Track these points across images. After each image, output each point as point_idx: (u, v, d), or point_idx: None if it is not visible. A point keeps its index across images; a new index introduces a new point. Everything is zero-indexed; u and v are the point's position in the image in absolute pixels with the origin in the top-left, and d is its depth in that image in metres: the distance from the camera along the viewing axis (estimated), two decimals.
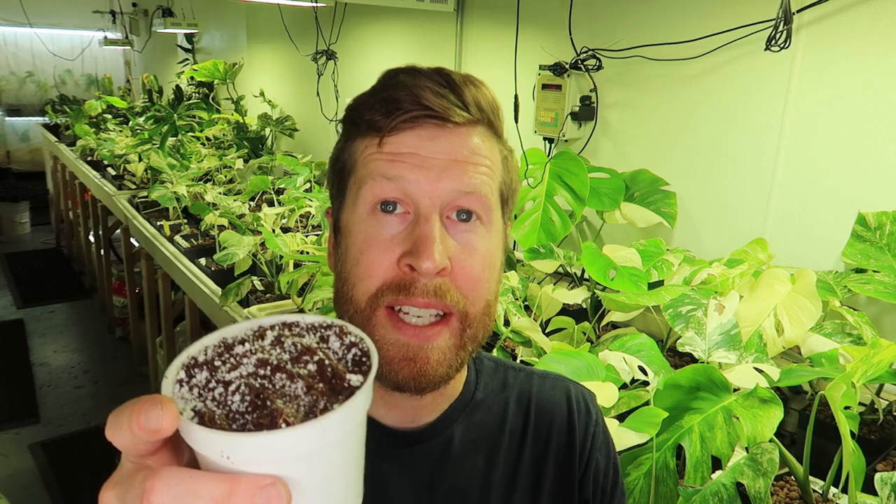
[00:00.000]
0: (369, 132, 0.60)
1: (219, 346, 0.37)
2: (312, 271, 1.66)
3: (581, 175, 1.66)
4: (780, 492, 1.00)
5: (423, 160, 0.57)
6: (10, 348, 3.85)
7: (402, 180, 0.57)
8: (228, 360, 0.36)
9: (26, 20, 6.08)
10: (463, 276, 0.57)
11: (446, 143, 0.58)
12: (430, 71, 0.61)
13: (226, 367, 0.35)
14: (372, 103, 0.60)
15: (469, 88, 0.61)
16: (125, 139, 3.91)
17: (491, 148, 0.61)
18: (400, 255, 0.56)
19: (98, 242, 4.06)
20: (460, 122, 0.59)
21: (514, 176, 0.66)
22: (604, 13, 1.88)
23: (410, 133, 0.58)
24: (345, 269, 0.60)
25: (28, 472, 2.75)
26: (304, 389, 0.34)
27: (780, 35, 1.40)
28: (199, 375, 0.35)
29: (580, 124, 1.95)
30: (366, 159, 0.60)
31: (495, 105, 0.63)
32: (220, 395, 0.34)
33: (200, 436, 0.32)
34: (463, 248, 0.58)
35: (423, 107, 0.58)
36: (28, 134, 6.87)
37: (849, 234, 1.35)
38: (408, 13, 2.70)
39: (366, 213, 0.59)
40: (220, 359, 0.36)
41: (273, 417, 0.32)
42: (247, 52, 4.28)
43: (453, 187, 0.57)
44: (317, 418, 0.32)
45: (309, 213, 2.34)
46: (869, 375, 0.91)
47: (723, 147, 1.64)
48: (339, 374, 0.36)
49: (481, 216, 0.59)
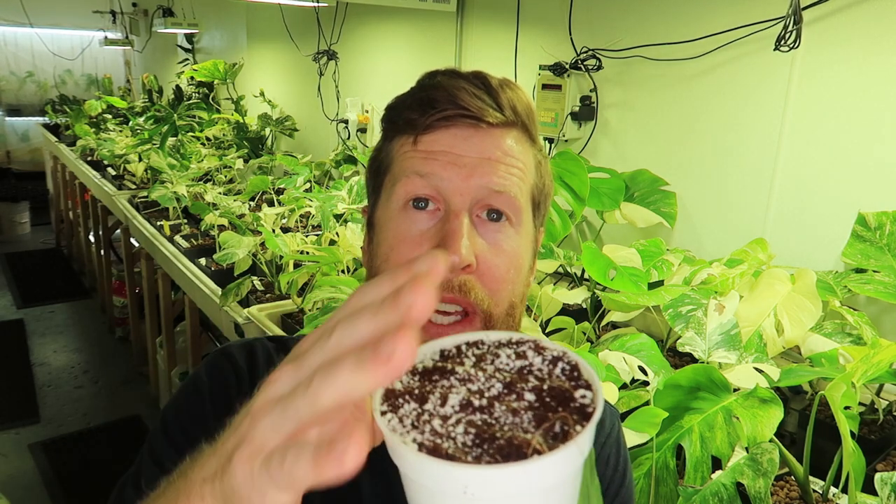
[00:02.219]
0: (406, 130, 0.61)
1: (411, 373, 0.34)
2: (312, 271, 1.66)
3: (581, 175, 1.66)
4: (780, 492, 1.00)
5: (455, 158, 0.58)
6: (10, 348, 3.85)
7: (434, 177, 0.58)
8: (432, 389, 0.33)
9: (27, 20, 6.08)
10: (489, 275, 0.57)
11: (480, 143, 0.59)
12: (468, 74, 0.62)
13: (435, 397, 0.32)
14: (409, 103, 0.61)
15: (505, 92, 0.62)
16: (125, 139, 3.91)
17: (524, 151, 0.62)
18: (428, 249, 0.56)
19: (98, 242, 4.06)
20: (494, 122, 0.60)
21: (548, 181, 0.66)
22: (604, 13, 1.88)
23: (445, 132, 0.59)
24: (375, 264, 0.61)
25: (28, 472, 2.75)
26: (533, 416, 0.31)
27: (789, 35, 1.39)
28: (405, 406, 0.32)
29: (580, 124, 1.95)
30: (401, 157, 0.61)
31: (531, 109, 0.64)
32: (440, 427, 0.30)
33: (437, 470, 0.28)
34: (491, 248, 0.58)
35: (459, 106, 0.59)
36: (28, 134, 6.87)
37: (849, 233, 1.35)
38: (409, 13, 2.71)
39: (398, 209, 0.60)
40: (424, 388, 0.33)
41: (518, 447, 0.29)
42: (247, 52, 4.28)
43: (483, 184, 0.58)
44: (571, 440, 0.29)
45: (309, 213, 2.34)
46: (869, 375, 0.91)
47: (723, 147, 1.64)
48: (564, 392, 0.32)
49: (510, 217, 0.59)
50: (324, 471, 0.27)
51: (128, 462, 0.63)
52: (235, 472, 0.30)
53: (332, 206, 2.06)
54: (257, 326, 1.70)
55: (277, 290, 1.87)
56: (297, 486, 0.28)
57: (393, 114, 0.63)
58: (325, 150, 3.37)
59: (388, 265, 0.59)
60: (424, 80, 0.63)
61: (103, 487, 2.65)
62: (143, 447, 0.64)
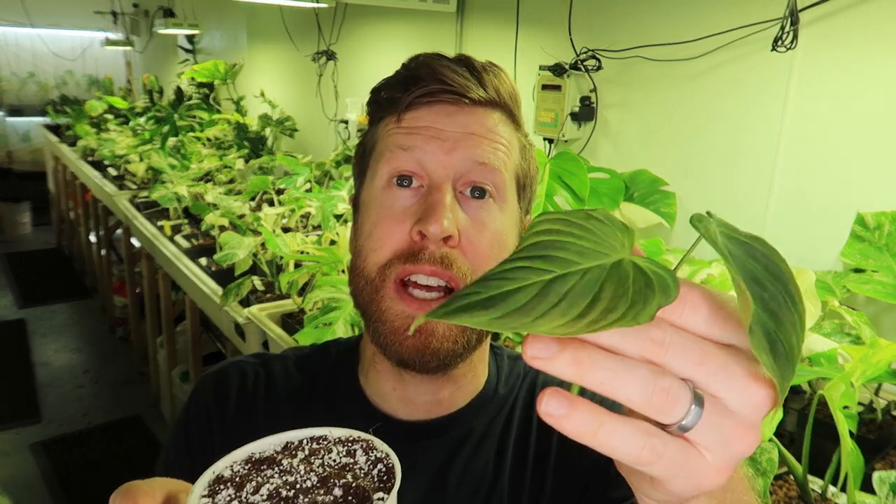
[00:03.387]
0: (390, 109, 0.61)
1: (246, 462, 0.37)
2: (313, 271, 1.67)
3: (581, 175, 1.66)
4: (780, 491, 1.00)
5: (438, 132, 0.58)
6: (12, 348, 3.85)
7: (416, 150, 0.57)
8: (254, 478, 0.35)
9: (28, 20, 6.09)
10: (471, 249, 0.57)
11: (463, 119, 0.59)
12: (453, 56, 0.62)
13: (251, 486, 0.35)
14: (393, 82, 0.61)
15: (489, 73, 0.61)
16: (126, 139, 3.91)
17: (508, 132, 0.61)
18: (411, 225, 0.56)
19: (99, 242, 4.07)
20: (477, 100, 0.59)
21: (533, 165, 0.65)
22: (604, 13, 1.88)
23: (429, 109, 0.59)
24: (358, 242, 0.61)
25: (29, 471, 2.75)
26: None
27: (786, 35, 1.40)
28: (223, 492, 0.34)
29: (580, 124, 1.95)
30: (385, 136, 0.61)
31: (514, 94, 0.63)
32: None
33: None
34: (474, 223, 0.58)
35: (442, 82, 0.58)
36: (29, 134, 6.87)
37: (848, 233, 1.35)
38: (408, 14, 2.71)
39: (381, 187, 0.59)
40: (247, 477, 0.36)
41: None
42: (247, 53, 4.28)
43: (467, 156, 0.57)
44: None
45: (309, 213, 2.34)
46: (868, 375, 0.91)
47: (722, 147, 1.64)
48: (366, 492, 0.35)
49: (494, 194, 0.59)
50: None
51: (128, 462, 0.64)
52: None
53: (333, 206, 2.06)
54: (257, 326, 1.70)
55: (278, 290, 1.87)
56: None
57: (378, 94, 0.63)
58: (325, 151, 3.37)
59: (371, 242, 0.58)
60: (409, 62, 0.63)
61: (104, 487, 2.65)
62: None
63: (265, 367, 0.70)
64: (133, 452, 2.84)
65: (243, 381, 0.69)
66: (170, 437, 0.70)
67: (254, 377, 0.69)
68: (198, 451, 0.66)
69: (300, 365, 0.71)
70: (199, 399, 0.69)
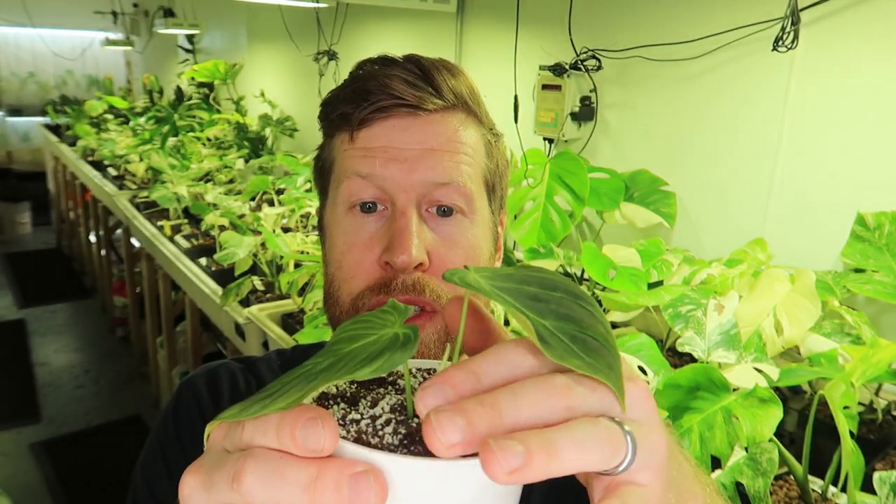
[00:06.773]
0: (342, 126, 0.58)
1: (352, 381, 0.33)
2: (313, 271, 1.67)
3: (581, 175, 1.66)
4: (780, 491, 1.00)
5: (396, 153, 0.55)
6: (12, 348, 3.85)
7: (375, 178, 0.55)
8: (367, 394, 0.32)
9: (28, 20, 6.09)
10: (442, 269, 0.54)
11: (420, 133, 0.56)
12: (401, 59, 0.59)
13: (367, 401, 0.31)
14: (343, 96, 0.58)
15: (442, 74, 0.58)
16: (126, 139, 3.91)
17: (471, 134, 0.59)
18: (379, 253, 0.55)
19: (99, 242, 4.07)
20: (433, 109, 0.56)
21: (501, 161, 0.63)
22: (604, 13, 1.88)
23: (383, 125, 0.56)
24: (329, 270, 0.60)
25: (29, 471, 2.75)
26: None
27: (787, 35, 1.40)
28: (334, 408, 0.31)
29: (580, 124, 1.95)
30: (341, 156, 0.59)
31: (472, 90, 0.60)
32: (367, 426, 0.29)
33: (392, 465, 0.26)
34: (443, 241, 0.56)
35: (393, 96, 0.55)
36: (29, 134, 6.88)
37: (848, 234, 1.35)
38: (409, 13, 2.71)
39: (344, 212, 0.58)
40: (357, 394, 0.32)
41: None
42: (247, 53, 4.28)
43: (428, 178, 0.55)
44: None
45: (309, 213, 2.34)
46: (868, 375, 0.91)
47: (722, 147, 1.64)
48: None
49: (462, 208, 0.57)
50: None
51: (128, 462, 0.64)
52: None
53: None
54: (257, 326, 1.70)
55: (278, 290, 1.87)
56: None
57: (328, 109, 0.60)
58: None
59: (342, 272, 0.57)
60: (356, 71, 0.60)
61: (104, 487, 2.65)
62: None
63: (252, 369, 0.71)
64: (133, 452, 2.82)
65: (234, 381, 0.69)
66: (153, 433, 0.68)
67: (244, 378, 0.69)
68: (188, 440, 0.65)
69: (285, 367, 0.71)
70: (189, 393, 0.68)
